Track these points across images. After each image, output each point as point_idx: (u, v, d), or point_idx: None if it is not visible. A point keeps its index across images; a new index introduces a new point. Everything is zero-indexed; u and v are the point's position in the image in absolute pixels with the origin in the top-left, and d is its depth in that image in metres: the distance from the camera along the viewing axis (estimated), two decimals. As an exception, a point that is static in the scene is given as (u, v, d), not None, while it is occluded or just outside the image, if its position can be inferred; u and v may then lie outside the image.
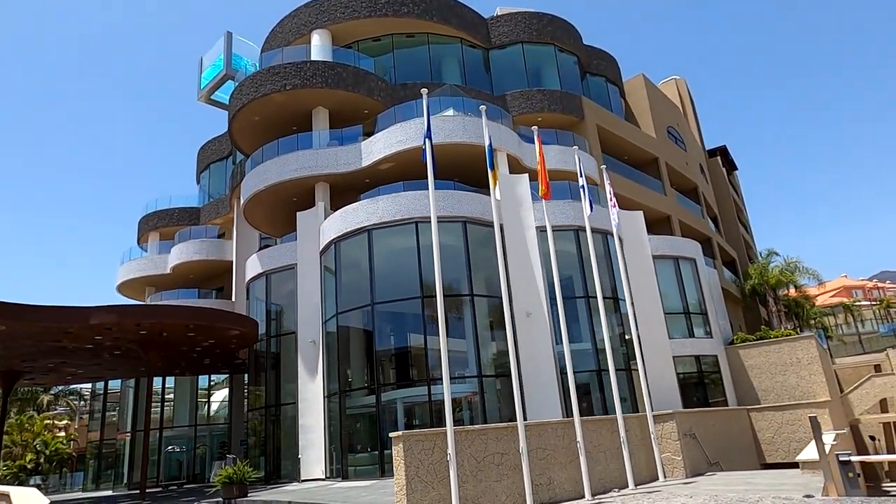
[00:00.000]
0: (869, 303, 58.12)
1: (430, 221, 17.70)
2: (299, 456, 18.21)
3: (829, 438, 14.64)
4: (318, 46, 23.17)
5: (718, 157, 42.91)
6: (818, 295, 78.36)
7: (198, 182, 33.63)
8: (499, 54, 25.30)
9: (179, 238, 28.99)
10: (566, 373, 18.96)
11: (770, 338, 25.10)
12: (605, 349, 19.59)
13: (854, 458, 11.37)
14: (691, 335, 23.18)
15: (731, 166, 45.75)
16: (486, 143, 11.44)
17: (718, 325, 24.99)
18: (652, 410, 13.35)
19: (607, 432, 11.70)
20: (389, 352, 17.86)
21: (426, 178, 19.72)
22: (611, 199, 14.82)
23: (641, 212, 23.48)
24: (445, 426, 8.78)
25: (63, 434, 41.60)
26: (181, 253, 28.29)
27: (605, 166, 17.36)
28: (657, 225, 27.80)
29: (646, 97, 29.88)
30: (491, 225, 18.73)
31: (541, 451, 10.18)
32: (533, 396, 17.17)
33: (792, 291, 37.48)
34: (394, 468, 8.78)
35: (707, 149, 43.97)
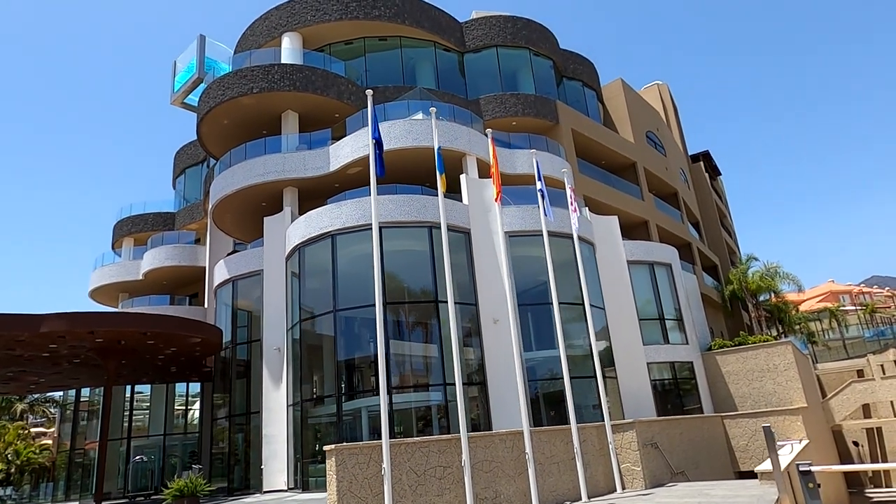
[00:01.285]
0: (854, 307, 58.14)
1: (394, 227, 17.64)
2: (262, 466, 17.82)
3: (789, 449, 14.40)
4: (289, 49, 22.88)
5: (701, 162, 42.83)
6: (806, 300, 78.55)
7: (174, 187, 33.26)
8: (473, 58, 25.09)
9: (152, 243, 28.57)
10: (535, 380, 18.99)
11: (748, 343, 24.93)
12: (578, 356, 19.48)
13: (814, 469, 11.12)
14: (666, 341, 22.93)
15: (714, 171, 45.70)
16: (435, 146, 11.16)
17: (695, 330, 24.77)
18: (611, 419, 13.05)
19: (561, 443, 11.38)
20: (353, 359, 17.49)
21: (395, 182, 19.66)
22: (571, 204, 14.56)
23: (616, 217, 23.25)
24: (412, 436, 8.47)
25: (48, 442, 40.89)
26: (153, 259, 27.86)
27: (566, 170, 17.12)
28: (635, 230, 27.64)
29: (624, 102, 29.73)
30: (460, 230, 18.50)
31: (487, 464, 9.85)
32: (500, 405, 16.85)
33: (773, 297, 37.38)
34: (326, 483, 8.44)
35: (691, 154, 43.95)
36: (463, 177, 19.26)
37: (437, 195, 19.03)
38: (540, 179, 13.63)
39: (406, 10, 23.44)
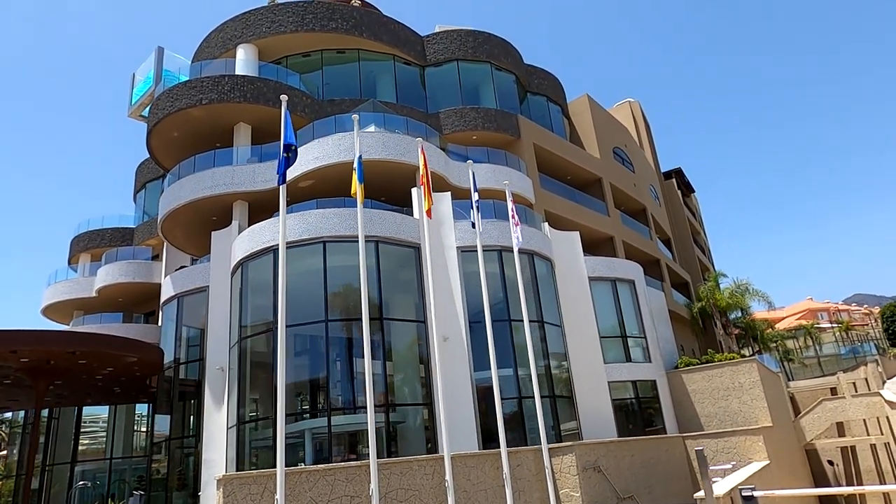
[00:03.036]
0: (830, 325, 58.20)
1: (339, 241, 17.05)
2: (199, 493, 16.95)
3: (744, 472, 13.88)
4: (243, 61, 22.43)
5: (674, 179, 42.82)
6: (785, 317, 78.66)
7: (135, 201, 32.50)
8: (434, 72, 24.79)
9: (106, 259, 27.76)
10: (484, 400, 18.22)
11: (715, 361, 24.53)
12: (530, 376, 18.86)
13: (758, 494, 10.58)
14: (629, 360, 22.43)
15: (687, 188, 45.72)
16: (356, 153, 10.66)
17: (660, 348, 24.29)
18: (548, 442, 12.45)
19: (491, 468, 10.76)
20: (293, 379, 16.76)
21: (346, 195, 19.11)
22: (512, 217, 14.09)
23: (577, 232, 22.86)
24: (353, 462, 7.83)
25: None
26: (106, 275, 27.02)
27: (507, 182, 16.64)
28: (600, 246, 27.27)
29: (590, 117, 29.56)
30: (409, 245, 17.93)
31: (403, 492, 9.21)
32: (448, 427, 16.13)
33: (745, 314, 37.12)
34: (214, 516, 7.75)
35: (664, 171, 43.95)
36: (414, 190, 18.77)
37: (386, 209, 18.73)
38: (475, 191, 13.16)
39: (364, 23, 23.13)
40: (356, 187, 10.48)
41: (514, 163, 22.70)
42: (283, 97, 10.09)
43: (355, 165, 10.59)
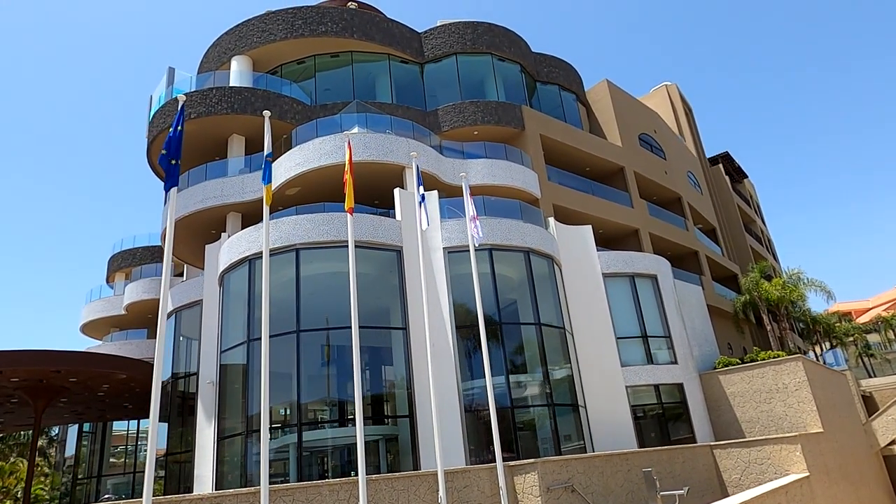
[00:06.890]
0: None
1: (311, 248, 16.43)
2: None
3: (748, 494, 12.04)
4: (237, 72, 22.40)
5: (721, 165, 39.83)
6: (871, 308, 71.96)
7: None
8: (433, 68, 23.88)
9: (133, 277, 28.58)
10: (473, 411, 16.95)
11: (758, 361, 22.25)
12: (524, 384, 17.55)
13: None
14: (650, 361, 20.58)
15: (738, 174, 42.43)
16: (266, 149, 9.92)
17: (691, 348, 22.24)
18: (519, 456, 11.20)
19: (427, 491, 9.67)
20: (271, 392, 16.20)
21: (325, 201, 18.57)
22: (470, 212, 12.94)
23: (590, 226, 21.29)
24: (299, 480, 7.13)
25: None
26: (132, 293, 27.79)
27: (464, 174, 15.33)
28: (624, 240, 25.45)
29: (611, 104, 27.72)
30: (390, 249, 17.08)
31: (307, 521, 8.31)
32: (432, 442, 15.10)
33: (809, 307, 33.80)
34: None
35: (715, 156, 40.99)
36: (397, 190, 17.89)
37: (369, 212, 17.99)
38: (420, 184, 12.14)
39: (355, 24, 22.57)
40: (265, 190, 9.74)
41: (514, 156, 21.43)
42: (181, 97, 9.47)
43: (262, 165, 9.87)
